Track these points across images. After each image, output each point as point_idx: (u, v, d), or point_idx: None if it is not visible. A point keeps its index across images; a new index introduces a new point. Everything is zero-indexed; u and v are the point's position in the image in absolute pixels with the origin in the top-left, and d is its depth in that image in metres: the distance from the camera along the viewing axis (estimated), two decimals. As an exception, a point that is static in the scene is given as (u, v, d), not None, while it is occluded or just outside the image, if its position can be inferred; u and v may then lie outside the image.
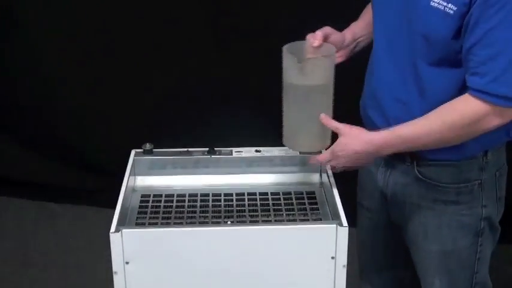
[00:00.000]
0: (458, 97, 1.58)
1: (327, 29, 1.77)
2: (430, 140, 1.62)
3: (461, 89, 1.60)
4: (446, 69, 1.61)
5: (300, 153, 1.91)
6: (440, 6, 1.54)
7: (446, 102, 1.61)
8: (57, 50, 3.31)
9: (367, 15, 1.89)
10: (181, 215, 1.76)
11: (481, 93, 1.53)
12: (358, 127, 1.70)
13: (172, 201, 1.82)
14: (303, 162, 1.93)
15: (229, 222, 1.73)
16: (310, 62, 1.69)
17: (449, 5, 1.52)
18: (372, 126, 1.78)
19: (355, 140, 1.68)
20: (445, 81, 1.62)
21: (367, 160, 1.74)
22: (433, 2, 1.55)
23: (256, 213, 1.77)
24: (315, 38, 1.72)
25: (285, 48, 1.68)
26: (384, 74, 1.73)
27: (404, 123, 1.64)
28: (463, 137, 1.61)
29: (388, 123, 1.70)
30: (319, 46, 1.72)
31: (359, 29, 1.87)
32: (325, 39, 1.75)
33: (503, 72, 1.51)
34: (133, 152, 1.95)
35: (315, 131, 1.74)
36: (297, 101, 1.72)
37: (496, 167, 1.76)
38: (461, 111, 1.57)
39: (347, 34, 1.85)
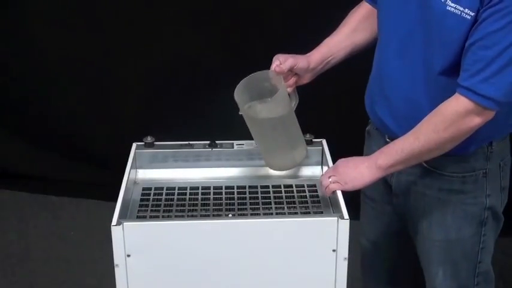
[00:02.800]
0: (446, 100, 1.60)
1: (291, 61, 1.77)
2: (420, 145, 1.63)
3: None
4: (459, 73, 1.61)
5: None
6: (456, 11, 1.55)
7: None
8: (58, 45, 3.31)
9: (343, 29, 1.87)
10: (182, 208, 1.76)
11: (468, 91, 1.56)
12: None
13: (173, 194, 1.82)
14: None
15: (230, 215, 1.73)
16: (258, 106, 1.78)
17: (466, 10, 1.53)
18: (378, 122, 1.81)
19: (353, 158, 1.76)
20: (455, 84, 1.61)
21: (365, 173, 1.71)
22: (450, 6, 1.55)
23: (258, 206, 1.77)
24: (279, 71, 1.75)
25: (236, 92, 1.73)
26: (394, 73, 1.73)
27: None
28: (448, 139, 1.62)
29: (397, 121, 1.71)
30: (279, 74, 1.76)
31: (328, 48, 1.86)
32: (291, 69, 1.78)
33: (495, 74, 1.53)
34: (134, 145, 1.95)
35: (282, 154, 1.84)
36: (258, 129, 1.80)
37: (501, 157, 1.77)
38: (444, 111, 1.60)
39: (313, 57, 1.84)
